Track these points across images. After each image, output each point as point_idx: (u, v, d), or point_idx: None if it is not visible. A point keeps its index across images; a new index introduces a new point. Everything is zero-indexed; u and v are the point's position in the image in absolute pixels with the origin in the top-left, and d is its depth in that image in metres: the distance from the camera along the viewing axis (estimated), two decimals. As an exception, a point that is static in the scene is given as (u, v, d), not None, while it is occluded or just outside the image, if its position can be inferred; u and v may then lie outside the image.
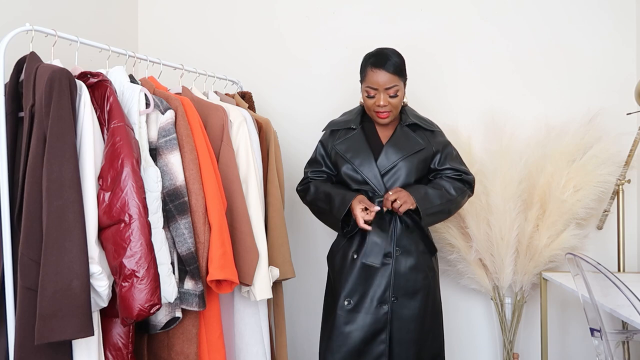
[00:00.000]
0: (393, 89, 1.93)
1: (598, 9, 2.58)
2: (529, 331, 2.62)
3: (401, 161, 1.98)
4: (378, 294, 1.94)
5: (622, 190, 2.42)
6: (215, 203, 1.76)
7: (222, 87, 2.56)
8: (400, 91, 1.96)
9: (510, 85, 2.64)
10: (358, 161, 1.99)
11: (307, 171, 2.15)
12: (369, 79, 1.95)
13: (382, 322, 1.93)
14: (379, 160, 1.98)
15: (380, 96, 1.94)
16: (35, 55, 1.56)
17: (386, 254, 1.95)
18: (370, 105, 1.98)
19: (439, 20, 2.69)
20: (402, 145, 2.00)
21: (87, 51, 1.80)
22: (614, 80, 2.56)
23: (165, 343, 1.75)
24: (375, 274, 1.95)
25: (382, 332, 1.93)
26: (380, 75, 1.92)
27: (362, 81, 2.00)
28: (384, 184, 1.97)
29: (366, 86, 1.96)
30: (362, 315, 1.94)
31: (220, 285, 1.77)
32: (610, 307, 1.68)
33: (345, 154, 2.01)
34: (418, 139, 2.02)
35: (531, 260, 2.44)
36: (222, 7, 2.89)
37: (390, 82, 1.92)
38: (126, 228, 1.46)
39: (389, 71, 1.92)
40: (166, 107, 1.73)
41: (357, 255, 1.97)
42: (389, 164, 1.98)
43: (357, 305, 1.94)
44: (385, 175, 1.98)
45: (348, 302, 1.95)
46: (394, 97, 1.95)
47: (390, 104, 1.95)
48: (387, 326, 1.93)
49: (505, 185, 2.43)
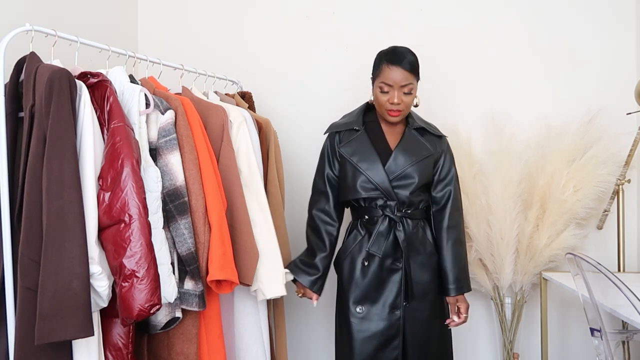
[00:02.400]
0: (408, 87, 1.91)
1: (598, 9, 2.58)
2: (529, 331, 2.62)
3: (410, 167, 1.94)
4: (390, 299, 1.93)
5: (622, 190, 2.42)
6: (215, 203, 1.75)
7: (222, 87, 2.56)
8: (414, 90, 1.94)
9: (510, 85, 2.64)
10: (365, 165, 1.95)
11: (312, 208, 2.10)
12: (384, 75, 1.92)
13: (395, 328, 1.93)
14: (388, 166, 1.94)
15: (395, 94, 1.91)
16: (35, 56, 1.56)
17: (395, 258, 1.94)
18: (383, 102, 1.94)
19: (438, 20, 2.69)
20: (411, 151, 1.96)
21: (87, 51, 1.80)
22: (614, 80, 2.56)
23: (165, 343, 1.75)
24: (386, 279, 1.94)
25: (396, 338, 1.92)
26: (396, 72, 1.90)
27: (376, 77, 1.96)
28: (393, 190, 1.94)
29: (380, 81, 1.93)
30: (374, 322, 1.93)
31: (220, 286, 1.77)
32: (610, 307, 1.68)
33: (351, 157, 1.97)
34: (426, 144, 1.99)
35: (531, 260, 2.44)
36: (221, 7, 2.89)
37: (405, 79, 1.90)
38: (126, 228, 1.46)
39: (405, 69, 1.90)
40: (166, 107, 1.73)
41: (367, 262, 1.96)
42: (398, 170, 1.94)
43: (369, 312, 1.94)
44: (394, 181, 1.94)
45: (360, 309, 1.94)
46: (408, 95, 1.93)
47: (404, 102, 1.92)
48: (400, 331, 1.92)
49: (505, 185, 2.43)
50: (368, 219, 1.98)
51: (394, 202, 1.94)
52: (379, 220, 1.95)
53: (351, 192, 1.98)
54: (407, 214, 1.96)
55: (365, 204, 1.98)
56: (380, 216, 1.95)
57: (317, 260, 2.02)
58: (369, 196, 1.95)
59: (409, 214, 1.96)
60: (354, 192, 1.97)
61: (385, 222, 1.94)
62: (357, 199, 1.98)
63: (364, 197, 1.96)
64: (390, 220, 1.95)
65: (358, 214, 2.02)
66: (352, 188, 1.97)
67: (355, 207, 2.03)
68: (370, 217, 1.97)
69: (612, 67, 2.57)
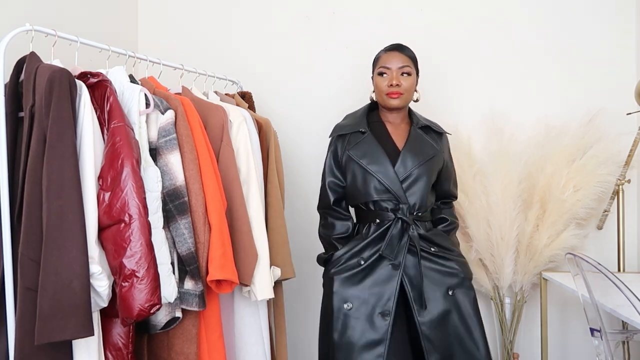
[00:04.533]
0: (405, 68, 1.95)
1: (598, 10, 2.58)
2: (529, 331, 2.62)
3: (417, 168, 1.92)
4: (388, 302, 1.87)
5: (622, 190, 2.42)
6: (215, 203, 1.76)
7: (222, 87, 2.56)
8: (413, 75, 1.97)
9: (510, 85, 2.64)
10: (376, 167, 1.92)
11: (322, 210, 2.08)
12: (382, 60, 1.98)
13: (382, 333, 1.85)
14: (396, 167, 1.92)
15: (393, 75, 1.94)
16: (35, 55, 1.56)
17: (403, 261, 1.89)
18: (382, 87, 1.96)
19: (438, 20, 2.69)
20: (418, 151, 1.95)
21: (87, 51, 1.80)
22: (614, 80, 2.56)
23: (165, 343, 1.75)
24: (389, 281, 1.90)
25: (381, 343, 1.85)
26: (393, 55, 1.96)
27: (375, 68, 2.01)
28: (404, 193, 1.91)
29: (379, 67, 1.97)
30: (364, 325, 1.89)
31: (220, 285, 1.77)
32: (610, 307, 1.68)
33: (361, 160, 1.94)
34: (432, 143, 1.99)
35: (531, 260, 2.44)
36: (221, 7, 2.89)
37: (403, 62, 1.95)
38: (126, 228, 1.46)
39: (402, 53, 1.97)
40: (166, 107, 1.73)
41: (366, 262, 1.91)
42: (406, 172, 1.92)
43: (359, 312, 1.89)
44: (404, 182, 1.92)
45: (348, 305, 1.91)
46: (407, 78, 1.95)
47: (403, 85, 1.94)
48: (387, 337, 1.84)
49: (505, 185, 2.43)
50: (379, 223, 1.94)
51: (406, 205, 1.91)
52: (392, 224, 1.91)
53: (362, 196, 1.95)
54: (418, 217, 1.93)
55: (376, 207, 1.95)
56: (392, 219, 1.91)
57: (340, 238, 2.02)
58: (381, 198, 1.93)
59: (420, 216, 1.94)
60: (366, 195, 1.94)
61: (398, 225, 1.91)
62: (368, 202, 1.95)
63: (376, 199, 1.93)
64: (403, 223, 1.91)
65: (368, 217, 1.97)
66: (363, 191, 1.94)
67: (364, 210, 1.99)
68: (382, 220, 1.93)
69: (612, 67, 2.57)
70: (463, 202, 2.46)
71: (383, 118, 2.04)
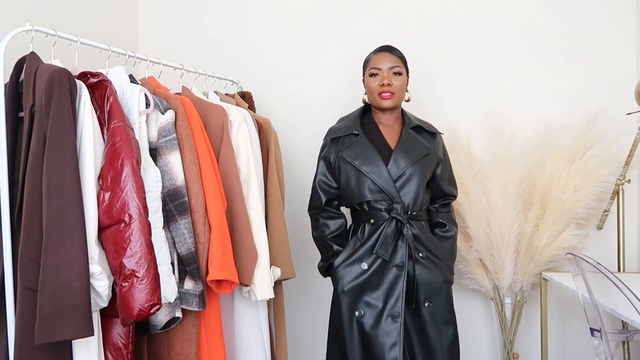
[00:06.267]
0: (396, 68, 1.98)
1: (598, 9, 2.58)
2: (529, 331, 2.62)
3: (410, 167, 1.93)
4: (391, 304, 1.89)
5: (622, 190, 2.42)
6: (215, 203, 1.76)
7: (222, 87, 2.56)
8: (403, 75, 1.99)
9: (510, 85, 2.64)
10: (369, 167, 1.94)
11: (313, 212, 2.08)
12: (373, 62, 2.01)
13: (395, 335, 1.88)
14: (389, 166, 1.93)
15: (384, 74, 1.97)
16: (35, 55, 1.56)
17: (401, 262, 1.91)
18: (374, 88, 1.98)
19: (438, 20, 2.69)
20: (410, 150, 1.96)
21: (87, 51, 1.80)
22: (614, 80, 2.56)
23: (165, 343, 1.76)
24: (391, 282, 1.91)
25: (396, 345, 1.87)
26: (384, 56, 1.99)
27: (365, 70, 2.03)
28: (398, 193, 1.93)
29: (370, 69, 2.00)
30: (375, 327, 1.90)
31: (220, 285, 1.77)
32: (610, 307, 1.68)
33: (354, 161, 1.95)
34: (424, 142, 2.00)
35: (531, 260, 2.44)
36: (221, 7, 2.89)
37: (393, 62, 1.98)
38: (126, 228, 1.46)
39: (392, 53, 2.00)
40: (166, 107, 1.74)
41: (368, 265, 1.92)
42: (399, 171, 1.93)
43: (368, 316, 1.91)
44: (397, 181, 1.93)
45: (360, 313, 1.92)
46: (398, 77, 1.97)
47: (394, 84, 1.96)
48: (401, 338, 1.87)
49: (505, 186, 2.42)
50: (374, 222, 1.95)
51: (400, 205, 1.92)
52: (386, 223, 1.92)
53: (356, 196, 1.96)
54: (413, 216, 1.94)
55: (371, 207, 1.96)
56: (387, 219, 1.93)
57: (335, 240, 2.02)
58: (374, 198, 1.94)
59: (414, 215, 1.95)
60: (360, 195, 1.95)
61: (392, 224, 1.92)
62: (362, 202, 1.96)
63: (370, 199, 1.94)
64: (397, 222, 1.92)
65: (362, 218, 1.98)
66: (357, 192, 1.96)
67: (358, 210, 2.00)
68: (376, 220, 1.94)
69: (612, 67, 2.57)
70: (463, 202, 2.46)
71: (376, 120, 2.05)
